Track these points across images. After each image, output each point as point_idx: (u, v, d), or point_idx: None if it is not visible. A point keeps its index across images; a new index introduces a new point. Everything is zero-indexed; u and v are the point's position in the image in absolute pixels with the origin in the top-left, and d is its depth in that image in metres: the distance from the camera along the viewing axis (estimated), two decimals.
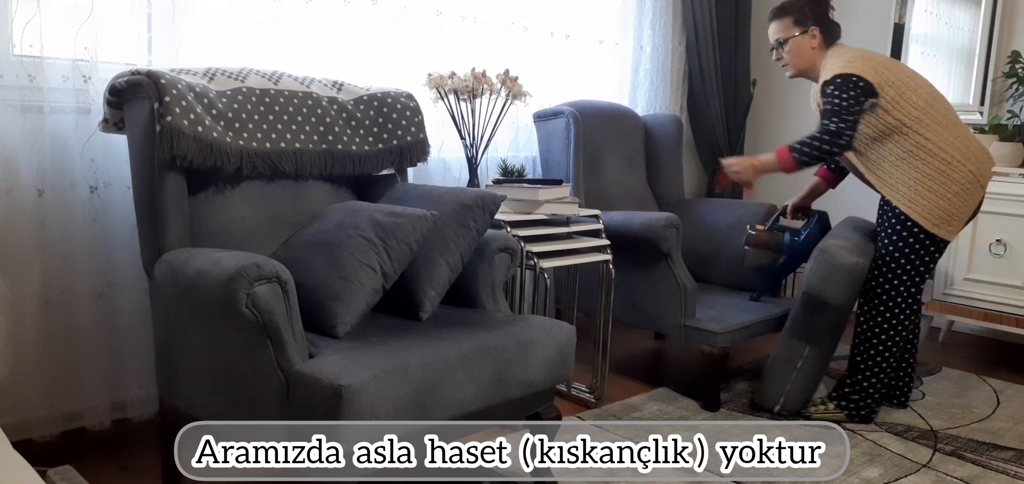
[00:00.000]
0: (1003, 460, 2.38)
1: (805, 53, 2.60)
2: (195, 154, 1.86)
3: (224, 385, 1.73)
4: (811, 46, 2.58)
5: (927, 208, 2.44)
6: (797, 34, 2.59)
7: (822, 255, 2.56)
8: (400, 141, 2.33)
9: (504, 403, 1.86)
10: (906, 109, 2.43)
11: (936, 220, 2.45)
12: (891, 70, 2.48)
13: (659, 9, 3.87)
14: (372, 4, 2.74)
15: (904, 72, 2.51)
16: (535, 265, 2.36)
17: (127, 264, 2.25)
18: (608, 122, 3.38)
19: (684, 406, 2.72)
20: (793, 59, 2.63)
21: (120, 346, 2.27)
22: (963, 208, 2.47)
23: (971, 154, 2.46)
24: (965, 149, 2.45)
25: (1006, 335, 3.80)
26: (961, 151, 2.44)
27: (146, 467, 2.10)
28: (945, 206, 2.44)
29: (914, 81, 2.49)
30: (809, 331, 2.60)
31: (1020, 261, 3.24)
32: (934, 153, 2.43)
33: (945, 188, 2.43)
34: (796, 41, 2.60)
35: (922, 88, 2.48)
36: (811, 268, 2.58)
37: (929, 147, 2.43)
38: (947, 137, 2.44)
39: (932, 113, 2.45)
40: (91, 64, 2.14)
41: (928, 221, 2.45)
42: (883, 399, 2.62)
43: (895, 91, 2.43)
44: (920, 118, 2.43)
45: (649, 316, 2.83)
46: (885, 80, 2.43)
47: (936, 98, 2.49)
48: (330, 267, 1.82)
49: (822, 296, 2.54)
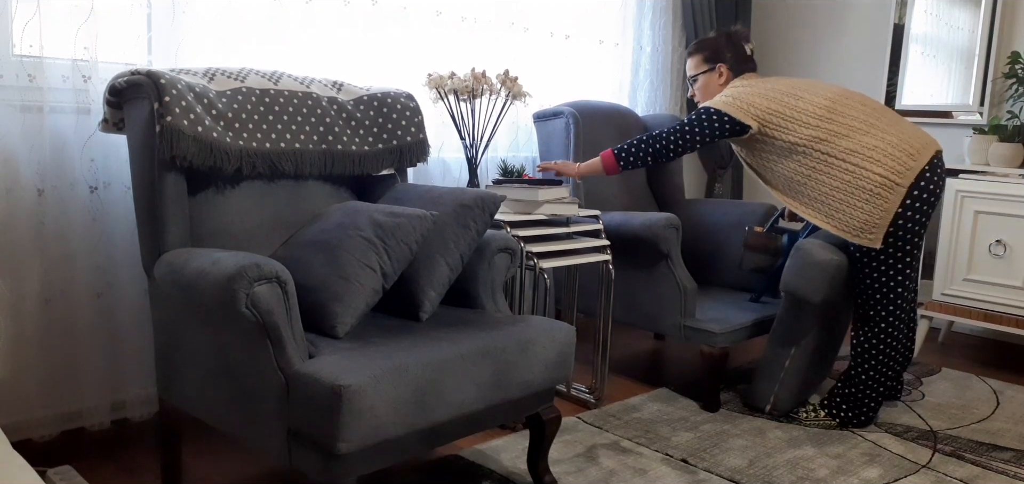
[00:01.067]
0: (1003, 461, 2.38)
1: (711, 90, 2.73)
2: (195, 154, 1.86)
3: (224, 385, 1.73)
4: (718, 83, 2.71)
5: (843, 220, 2.42)
6: (705, 70, 2.74)
7: (797, 253, 2.56)
8: (400, 141, 2.33)
9: (504, 403, 1.86)
10: (797, 130, 2.45)
11: (854, 230, 2.40)
12: (777, 99, 2.49)
13: (659, 9, 3.87)
14: (372, 4, 2.74)
15: (801, 90, 2.50)
16: (535, 265, 2.36)
17: (127, 264, 2.25)
18: (608, 122, 3.38)
19: (684, 407, 2.72)
20: (700, 94, 2.77)
21: (120, 346, 2.27)
22: (877, 213, 2.37)
23: (880, 154, 2.37)
24: (874, 151, 2.38)
25: (1006, 336, 3.80)
26: (866, 156, 2.38)
27: (146, 467, 2.10)
28: (858, 215, 2.39)
29: (813, 94, 2.48)
30: (792, 330, 2.61)
31: (1020, 262, 3.24)
32: (835, 163, 2.41)
33: (854, 196, 2.39)
34: (704, 78, 2.75)
35: (823, 97, 2.46)
36: (788, 266, 2.59)
37: (830, 158, 2.42)
38: (849, 143, 2.40)
39: (835, 120, 2.42)
40: (91, 64, 2.14)
41: (848, 232, 2.41)
42: (878, 407, 2.59)
43: (780, 118, 2.47)
44: (815, 135, 2.43)
45: (649, 316, 2.83)
46: (766, 111, 2.49)
47: (842, 103, 2.45)
48: (330, 267, 1.82)
49: (800, 293, 2.54)
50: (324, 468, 1.54)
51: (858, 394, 2.56)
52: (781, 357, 2.63)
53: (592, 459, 2.25)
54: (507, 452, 2.27)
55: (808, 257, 2.53)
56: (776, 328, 2.66)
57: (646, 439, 2.42)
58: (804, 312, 2.57)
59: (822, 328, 2.60)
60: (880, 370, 2.52)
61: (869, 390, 2.55)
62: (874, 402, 2.57)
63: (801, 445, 2.42)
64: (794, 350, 2.61)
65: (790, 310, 2.60)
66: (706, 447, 2.38)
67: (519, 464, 2.19)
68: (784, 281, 2.59)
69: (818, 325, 2.59)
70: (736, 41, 2.72)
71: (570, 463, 2.22)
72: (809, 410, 2.64)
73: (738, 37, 2.73)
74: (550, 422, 2.01)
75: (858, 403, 2.57)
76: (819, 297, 2.51)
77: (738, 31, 2.77)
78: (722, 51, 2.71)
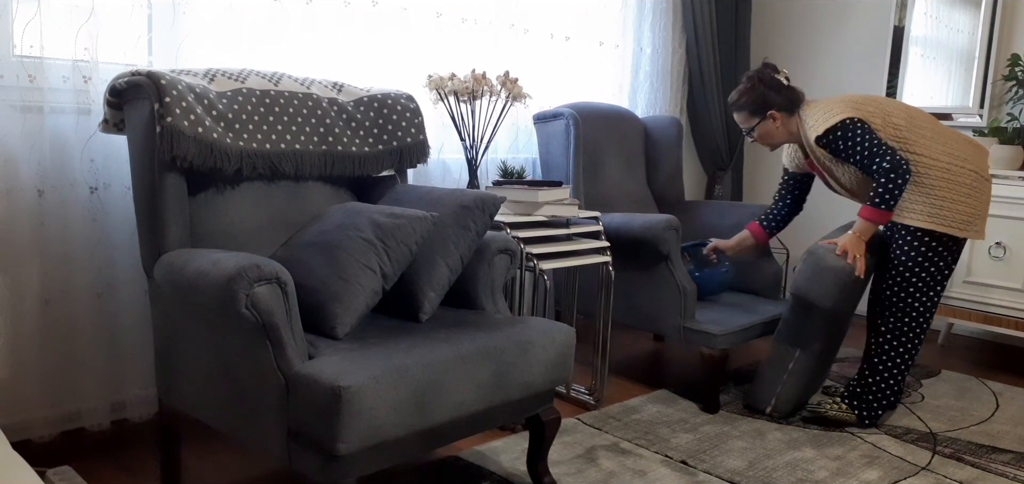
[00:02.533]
0: (1002, 463, 2.38)
1: (774, 133, 2.66)
2: (195, 155, 1.86)
3: (223, 386, 1.73)
4: (775, 126, 2.64)
5: (948, 217, 2.46)
6: (757, 122, 2.65)
7: (811, 257, 2.55)
8: (400, 142, 2.33)
9: (503, 405, 1.86)
10: (891, 133, 2.49)
11: (961, 224, 2.48)
12: (868, 102, 2.54)
13: (659, 11, 3.88)
14: (372, 5, 2.74)
15: (879, 100, 2.56)
16: (535, 267, 2.36)
17: (127, 265, 2.25)
18: (608, 124, 3.38)
19: (684, 408, 2.72)
20: (766, 140, 2.70)
21: (119, 347, 2.27)
22: (979, 204, 2.50)
23: (964, 155, 2.49)
24: (956, 153, 2.49)
25: (1005, 338, 3.80)
26: (953, 156, 2.48)
27: (145, 468, 2.10)
28: (963, 209, 2.47)
29: (891, 105, 2.55)
30: (798, 333, 2.60)
31: (1019, 264, 3.24)
32: (931, 165, 2.47)
33: (955, 193, 2.46)
34: (760, 128, 2.66)
35: (899, 110, 2.54)
36: (800, 269, 2.58)
37: (924, 161, 2.47)
38: (936, 148, 2.48)
39: (916, 129, 2.50)
40: (91, 65, 2.14)
41: (955, 228, 2.47)
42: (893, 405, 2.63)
43: (879, 119, 2.50)
44: (906, 137, 2.49)
45: (649, 318, 2.83)
46: (867, 114, 2.50)
47: (914, 115, 2.54)
48: (330, 268, 1.82)
49: (809, 298, 2.54)
50: (324, 469, 1.54)
51: (886, 387, 2.59)
52: (785, 360, 2.63)
53: (592, 460, 2.25)
54: (507, 453, 2.27)
55: (822, 262, 2.51)
56: (782, 330, 2.66)
57: (646, 441, 2.42)
58: (812, 316, 2.56)
59: (828, 333, 2.60)
60: (904, 370, 2.58)
61: (897, 382, 2.59)
62: (891, 400, 2.61)
63: (801, 447, 2.42)
64: (799, 353, 2.61)
65: (798, 313, 2.60)
66: (706, 449, 2.38)
67: (519, 465, 2.19)
68: (794, 284, 2.59)
69: (825, 330, 2.59)
70: (770, 81, 2.63)
71: (570, 464, 2.22)
72: (832, 399, 2.65)
73: (769, 75, 2.65)
74: (550, 423, 2.01)
75: (878, 399, 2.60)
76: (829, 303, 2.51)
77: (766, 69, 2.67)
78: (765, 98, 2.62)
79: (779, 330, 2.67)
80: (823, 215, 4.16)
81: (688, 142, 4.22)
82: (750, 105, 2.65)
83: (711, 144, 4.16)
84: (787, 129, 2.65)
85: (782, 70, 2.67)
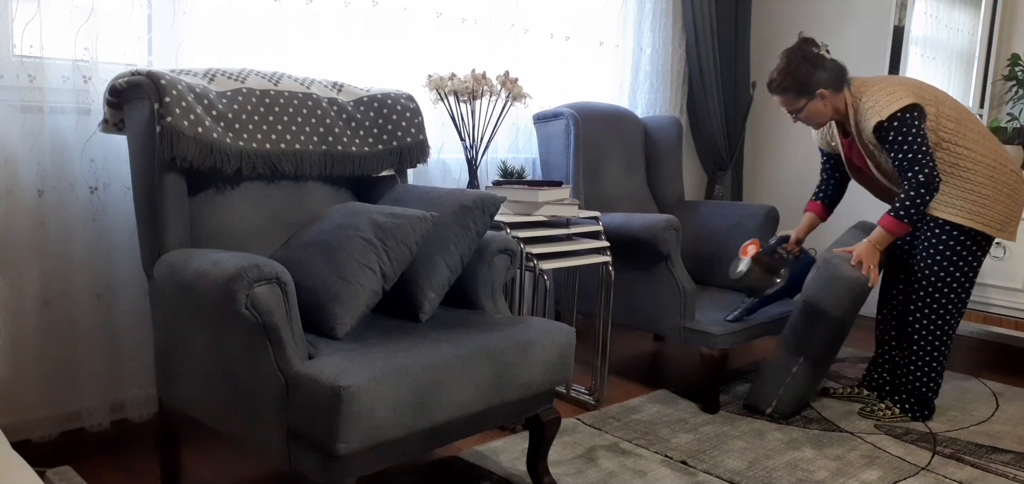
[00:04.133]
0: (1002, 463, 2.38)
1: (822, 112, 2.50)
2: (195, 155, 1.86)
3: (223, 386, 1.73)
4: (824, 105, 2.48)
5: (987, 215, 2.45)
6: (804, 103, 2.49)
7: (825, 266, 2.55)
8: (400, 142, 2.33)
9: (503, 405, 1.86)
10: (945, 125, 2.44)
11: (998, 224, 2.48)
12: (926, 89, 2.47)
13: (659, 11, 3.88)
14: (372, 5, 2.74)
15: (935, 90, 2.51)
16: (535, 267, 2.36)
17: (127, 265, 2.25)
18: (608, 124, 3.38)
19: (683, 408, 2.72)
20: (813, 120, 2.53)
21: (119, 347, 2.27)
22: (1017, 207, 2.50)
23: (1006, 155, 2.50)
24: (1000, 152, 2.49)
25: (1005, 338, 3.80)
26: (998, 155, 2.48)
27: (145, 468, 2.10)
28: (1002, 209, 2.47)
29: (945, 96, 2.51)
30: (805, 340, 2.60)
31: (1019, 264, 3.24)
32: (978, 162, 2.45)
33: (998, 192, 2.45)
34: (809, 108, 2.49)
35: (951, 102, 2.50)
36: (813, 278, 2.58)
37: (972, 157, 2.44)
38: (983, 144, 2.46)
39: (966, 125, 2.47)
40: (91, 64, 2.14)
41: (991, 227, 2.46)
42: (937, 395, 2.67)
43: (934, 109, 2.43)
44: (957, 130, 2.45)
45: (648, 318, 2.83)
46: (926, 101, 2.42)
47: (964, 110, 2.52)
48: (330, 268, 1.82)
49: (821, 306, 2.54)
50: (323, 469, 1.54)
51: (931, 382, 2.63)
52: (789, 363, 2.63)
53: (592, 460, 2.25)
54: (507, 453, 2.27)
55: (836, 272, 2.51)
56: (787, 334, 2.66)
57: (645, 441, 2.42)
58: (820, 324, 2.57)
59: (833, 340, 2.61)
60: (942, 363, 2.61)
61: (939, 377, 2.62)
62: (934, 393, 2.65)
63: (800, 447, 2.42)
64: (803, 358, 2.61)
65: (805, 320, 2.60)
66: (706, 449, 2.38)
67: (519, 465, 2.19)
68: (805, 291, 2.60)
69: (830, 337, 2.59)
70: (812, 57, 2.45)
71: (570, 464, 2.22)
72: (879, 407, 2.69)
73: (810, 51, 2.46)
74: (550, 423, 2.00)
75: (922, 397, 2.64)
76: (839, 312, 2.52)
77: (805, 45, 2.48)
78: (810, 78, 2.44)
79: (785, 334, 2.67)
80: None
81: (688, 142, 4.22)
82: (795, 86, 2.46)
83: (711, 144, 4.16)
84: (834, 107, 2.49)
85: (822, 43, 2.48)
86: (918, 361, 2.62)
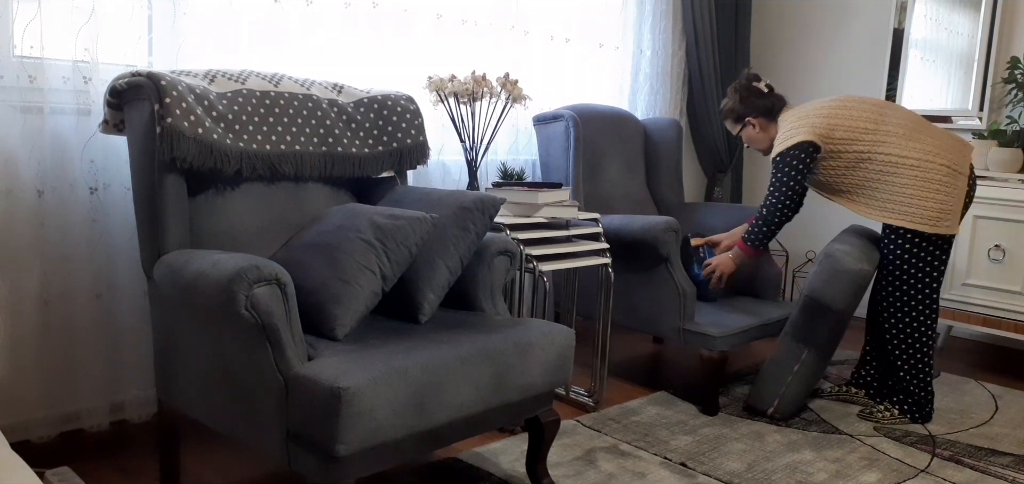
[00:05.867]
0: (1001, 465, 2.38)
1: (758, 139, 2.83)
2: (195, 156, 1.86)
3: (223, 387, 1.73)
4: (755, 132, 2.81)
5: (918, 213, 2.52)
6: (739, 129, 2.85)
7: (827, 260, 2.59)
8: (400, 144, 2.33)
9: (503, 406, 1.86)
10: (860, 138, 2.57)
11: (931, 220, 2.52)
12: (832, 115, 2.60)
13: (659, 13, 3.88)
14: (373, 7, 2.74)
15: (848, 107, 2.62)
16: (534, 268, 2.37)
17: (126, 265, 2.25)
18: (608, 126, 3.38)
19: (683, 410, 2.72)
20: (754, 144, 2.85)
21: (119, 348, 2.27)
22: (950, 200, 2.53)
23: (938, 150, 2.54)
24: (930, 148, 2.53)
25: (1004, 340, 3.81)
26: (926, 152, 2.53)
27: (144, 469, 2.10)
28: (933, 205, 2.51)
29: (859, 109, 2.61)
30: (809, 334, 2.61)
31: (1018, 266, 3.25)
32: (900, 163, 2.53)
33: (924, 189, 2.51)
34: (745, 134, 2.84)
35: (868, 111, 2.60)
36: (815, 272, 2.61)
37: (894, 159, 2.54)
38: (907, 144, 2.54)
39: (885, 128, 2.56)
40: (92, 65, 2.14)
41: (925, 224, 2.52)
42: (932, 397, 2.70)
43: (843, 130, 2.58)
44: (875, 140, 2.55)
45: (648, 320, 2.83)
46: (829, 127, 2.58)
47: (885, 114, 2.59)
48: (329, 269, 1.82)
49: (824, 300, 2.56)
50: (323, 470, 1.54)
51: (920, 384, 2.65)
52: (791, 361, 2.64)
53: (591, 462, 2.25)
54: (506, 455, 2.27)
55: (839, 265, 2.55)
56: (789, 332, 2.67)
57: (645, 442, 2.42)
58: (823, 318, 2.58)
59: (834, 335, 2.62)
60: (925, 361, 2.64)
61: (927, 377, 2.66)
62: (926, 392, 2.68)
63: (800, 449, 2.42)
64: (806, 354, 2.62)
65: (808, 314, 2.61)
66: (705, 451, 2.38)
67: (518, 467, 2.19)
68: (808, 286, 2.62)
69: (832, 332, 2.60)
70: (750, 89, 2.80)
71: (569, 466, 2.22)
72: (880, 411, 2.71)
73: (748, 84, 2.80)
74: (549, 425, 2.01)
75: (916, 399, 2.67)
76: (841, 305, 2.55)
77: (746, 79, 2.83)
78: (745, 106, 2.79)
79: (787, 331, 2.68)
80: (825, 217, 4.16)
81: (688, 144, 4.22)
82: (731, 113, 2.85)
83: (711, 146, 4.16)
84: (768, 135, 2.80)
85: (763, 79, 2.82)
86: (902, 365, 2.66)
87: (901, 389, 2.68)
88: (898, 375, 2.67)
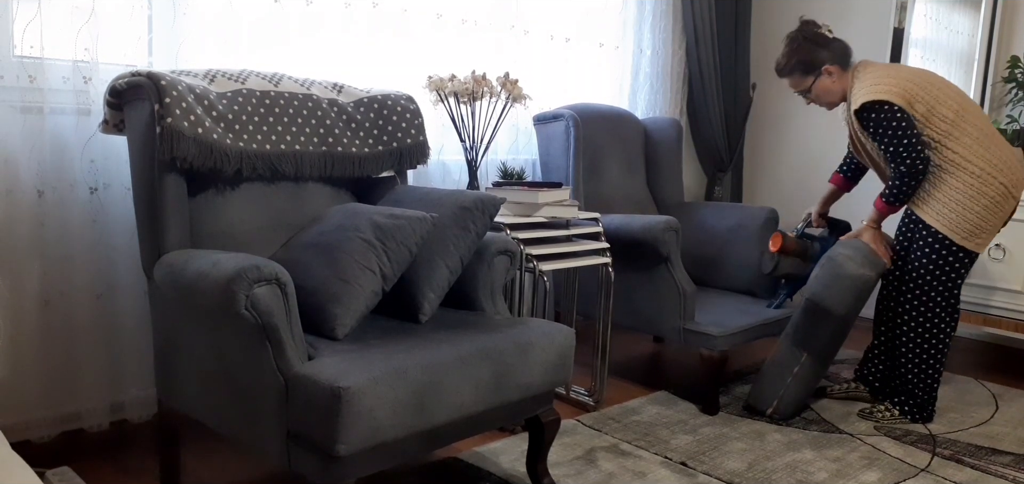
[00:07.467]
0: (1002, 465, 2.38)
1: (831, 89, 2.59)
2: (195, 156, 1.86)
3: (223, 387, 1.73)
4: (832, 82, 2.58)
5: (956, 222, 2.46)
6: (812, 81, 2.59)
7: (829, 263, 2.57)
8: (400, 143, 2.33)
9: (503, 406, 1.86)
10: (935, 123, 2.45)
11: (965, 233, 2.46)
12: (920, 85, 2.46)
13: (659, 12, 3.88)
14: (373, 6, 2.74)
15: (935, 85, 2.49)
16: (534, 268, 2.36)
17: (126, 265, 2.25)
18: (608, 125, 3.38)
19: (683, 409, 2.72)
20: (824, 100, 2.63)
21: (119, 347, 2.27)
22: (993, 220, 2.48)
23: (1003, 165, 2.46)
24: (996, 160, 2.46)
25: (1005, 339, 3.80)
26: (992, 163, 2.45)
27: (144, 469, 2.10)
28: (975, 220, 2.45)
29: (944, 93, 2.48)
30: (809, 338, 2.61)
31: (1018, 266, 3.24)
32: (963, 166, 2.44)
33: (975, 201, 2.44)
34: (817, 86, 2.59)
35: (953, 99, 2.48)
36: (816, 275, 2.59)
37: (958, 160, 2.44)
38: (978, 149, 2.44)
39: (962, 125, 2.46)
40: (92, 65, 2.14)
41: (957, 234, 2.46)
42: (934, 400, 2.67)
43: (924, 106, 2.44)
44: (949, 131, 2.44)
45: (648, 319, 2.83)
46: (914, 97, 2.43)
47: (967, 109, 2.48)
48: (329, 269, 1.82)
49: (825, 304, 2.55)
50: (323, 470, 1.54)
51: (926, 388, 2.63)
52: (791, 363, 2.63)
53: (591, 462, 2.25)
54: (506, 455, 2.27)
55: (840, 270, 2.53)
56: (790, 333, 2.66)
57: (645, 442, 2.42)
58: (824, 322, 2.57)
59: (835, 339, 2.61)
60: (937, 367, 2.61)
61: (934, 382, 2.62)
62: (931, 397, 2.65)
63: (800, 448, 2.42)
64: (805, 358, 2.61)
65: (809, 318, 2.60)
66: (705, 450, 2.38)
67: (518, 467, 2.19)
68: (809, 290, 2.60)
69: (833, 336, 2.59)
70: (814, 36, 2.57)
71: (569, 466, 2.22)
72: (882, 411, 2.69)
73: (811, 30, 2.58)
74: (549, 425, 2.01)
75: (919, 401, 2.65)
76: (843, 310, 2.53)
77: (807, 25, 2.61)
78: (814, 55, 2.56)
79: (787, 333, 2.67)
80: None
81: (688, 143, 4.22)
82: (800, 65, 2.57)
83: (711, 145, 4.16)
84: (842, 85, 2.57)
85: (823, 23, 2.59)
86: (911, 367, 2.62)
87: (904, 389, 2.67)
88: (903, 375, 2.65)
